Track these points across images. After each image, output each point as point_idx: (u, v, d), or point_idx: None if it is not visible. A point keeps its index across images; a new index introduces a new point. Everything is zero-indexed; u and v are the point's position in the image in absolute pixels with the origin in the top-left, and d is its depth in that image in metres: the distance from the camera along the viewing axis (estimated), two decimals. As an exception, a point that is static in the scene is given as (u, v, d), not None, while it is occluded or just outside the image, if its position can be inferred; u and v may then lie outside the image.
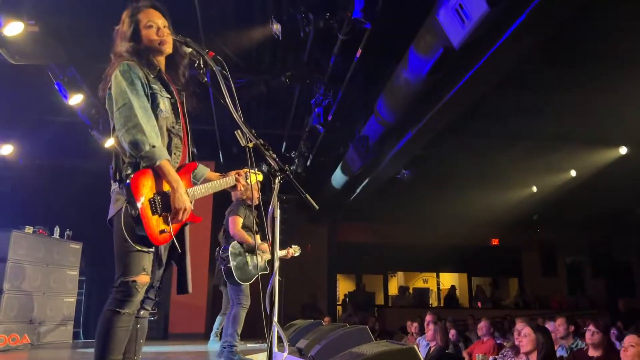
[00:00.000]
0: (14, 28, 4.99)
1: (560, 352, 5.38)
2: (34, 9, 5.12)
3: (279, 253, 4.64)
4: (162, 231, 2.29)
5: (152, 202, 2.27)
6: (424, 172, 9.82)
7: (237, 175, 2.74)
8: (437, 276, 16.51)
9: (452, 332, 6.97)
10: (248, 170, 2.75)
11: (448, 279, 16.33)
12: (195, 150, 2.71)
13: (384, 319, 12.70)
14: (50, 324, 7.47)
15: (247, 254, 4.99)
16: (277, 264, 2.29)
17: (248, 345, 6.77)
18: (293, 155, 9.50)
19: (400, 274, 16.53)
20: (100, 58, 6.13)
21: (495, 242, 15.33)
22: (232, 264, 4.84)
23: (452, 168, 10.58)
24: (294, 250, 5.69)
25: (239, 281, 4.86)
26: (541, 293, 14.96)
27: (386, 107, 6.78)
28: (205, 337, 8.81)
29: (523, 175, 11.30)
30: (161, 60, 2.60)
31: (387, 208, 12.81)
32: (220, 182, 2.70)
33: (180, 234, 2.46)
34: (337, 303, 14.83)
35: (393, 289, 15.98)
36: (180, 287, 2.52)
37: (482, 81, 5.70)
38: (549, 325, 5.81)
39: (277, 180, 2.35)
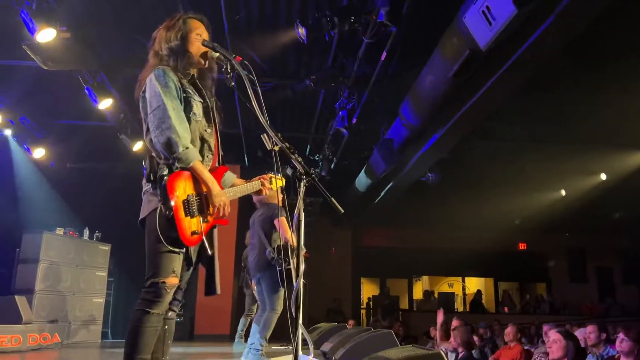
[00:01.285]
0: (47, 35, 5.14)
1: None
2: (66, 16, 5.26)
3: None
4: (193, 232, 2.34)
5: (185, 203, 2.32)
6: (450, 175, 9.72)
7: (262, 180, 2.79)
8: (463, 280, 16.34)
9: (476, 338, 6.87)
10: (272, 175, 2.83)
11: (474, 284, 16.13)
12: (223, 154, 2.75)
13: (408, 324, 12.60)
14: (80, 324, 7.64)
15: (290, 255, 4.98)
16: (302, 267, 2.30)
17: (273, 347, 6.79)
18: (317, 159, 9.52)
19: (425, 278, 16.40)
20: (129, 64, 6.33)
21: (522, 246, 15.08)
22: (291, 265, 4.80)
23: (478, 171, 10.45)
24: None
25: (291, 282, 4.82)
26: (570, 299, 14.65)
27: (411, 110, 6.73)
28: (230, 338, 8.88)
29: (552, 179, 11.10)
30: (194, 69, 2.65)
31: (412, 212, 12.72)
32: (247, 187, 2.74)
33: (209, 236, 2.51)
34: (362, 307, 14.78)
35: (418, 293, 15.86)
36: (209, 289, 2.55)
37: (509, 83, 5.62)
38: (580, 332, 5.69)
39: (302, 184, 2.36)
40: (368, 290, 15.63)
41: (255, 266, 5.10)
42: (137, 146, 8.01)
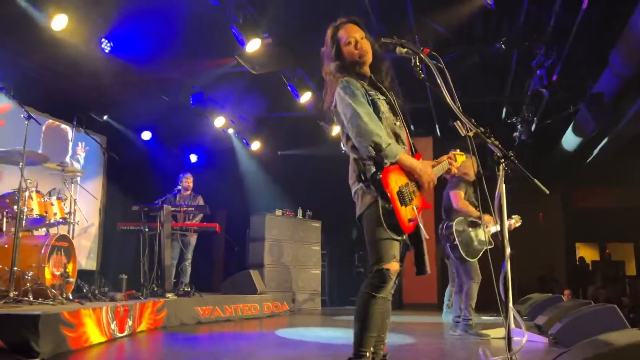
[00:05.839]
0: (254, 45, 5.87)
1: None
2: (267, 24, 5.90)
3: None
4: (410, 220, 2.55)
5: (399, 194, 2.52)
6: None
7: (450, 160, 2.93)
8: None
9: None
10: (455, 152, 3.00)
11: None
12: (412, 127, 2.90)
13: (636, 292, 11.24)
14: (303, 293, 8.65)
15: (471, 229, 5.02)
16: (508, 250, 2.32)
17: (482, 317, 6.78)
18: (515, 122, 9.01)
19: (657, 240, 14.34)
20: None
21: None
22: (457, 240, 4.92)
23: None
24: (515, 221, 5.50)
25: (465, 257, 4.92)
26: None
27: (624, 58, 5.96)
28: (437, 308, 9.10)
29: None
30: (367, 69, 2.77)
31: (633, 169, 11.20)
32: (439, 168, 2.87)
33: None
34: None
35: (648, 258, 13.98)
36: (419, 269, 2.76)
37: None
38: None
39: (501, 167, 2.36)
40: (585, 255, 14.31)
41: (441, 238, 5.28)
42: (335, 131, 8.67)
